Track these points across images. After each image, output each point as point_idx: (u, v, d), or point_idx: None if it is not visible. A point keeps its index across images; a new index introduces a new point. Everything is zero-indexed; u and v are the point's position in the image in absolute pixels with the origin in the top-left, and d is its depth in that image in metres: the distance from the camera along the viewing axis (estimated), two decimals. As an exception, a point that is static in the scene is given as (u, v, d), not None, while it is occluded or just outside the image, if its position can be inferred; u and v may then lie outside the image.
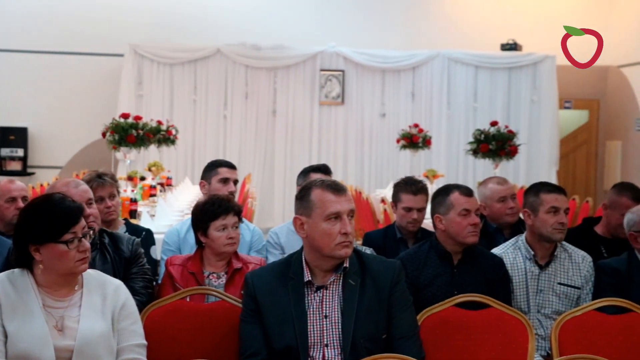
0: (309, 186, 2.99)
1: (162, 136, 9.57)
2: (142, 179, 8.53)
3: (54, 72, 12.37)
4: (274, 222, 11.45)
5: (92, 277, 2.85)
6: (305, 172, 4.76)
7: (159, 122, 9.48)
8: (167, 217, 6.37)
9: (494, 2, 12.94)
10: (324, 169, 4.78)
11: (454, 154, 12.42)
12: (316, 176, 4.36)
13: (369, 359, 2.66)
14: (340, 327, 2.91)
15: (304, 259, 2.99)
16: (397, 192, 4.70)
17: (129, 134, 7.76)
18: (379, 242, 4.60)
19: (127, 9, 12.30)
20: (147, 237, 4.44)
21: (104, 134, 7.93)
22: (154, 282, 3.88)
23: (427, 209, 4.44)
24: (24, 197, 4.43)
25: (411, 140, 10.47)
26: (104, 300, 2.80)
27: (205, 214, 3.80)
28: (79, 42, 12.28)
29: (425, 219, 4.64)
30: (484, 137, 8.81)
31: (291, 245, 4.31)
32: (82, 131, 12.21)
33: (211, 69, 12.28)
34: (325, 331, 2.92)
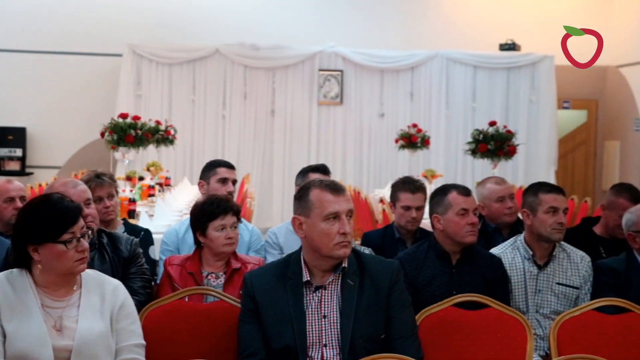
0: (308, 186, 2.99)
1: (160, 136, 9.55)
2: (141, 179, 8.52)
3: (53, 72, 12.34)
4: (272, 222, 11.44)
5: (90, 277, 2.86)
6: (303, 172, 4.77)
7: (158, 122, 9.46)
8: (166, 217, 6.37)
9: (493, 2, 12.93)
10: (323, 169, 4.79)
11: (453, 154, 12.40)
12: (315, 176, 4.36)
13: (368, 359, 2.66)
14: (338, 327, 2.91)
15: (302, 259, 2.99)
16: (395, 191, 4.70)
17: (128, 134, 7.75)
18: (378, 242, 4.60)
19: (126, 9, 12.28)
20: (146, 237, 4.43)
21: (103, 134, 7.92)
22: (153, 282, 3.88)
23: (426, 209, 4.44)
24: (22, 197, 4.42)
25: (410, 140, 10.46)
26: (102, 300, 2.80)
27: (204, 214, 3.80)
28: (78, 42, 12.25)
29: (423, 219, 4.64)
30: (483, 137, 8.80)
31: (290, 245, 4.32)
32: (80, 131, 12.19)
33: (210, 69, 12.26)
34: (323, 331, 2.92)
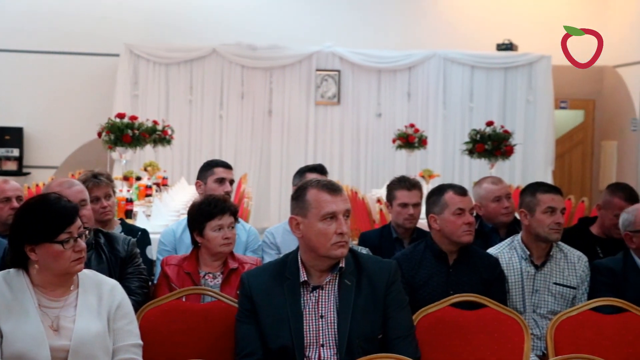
0: (305, 186, 2.99)
1: (157, 136, 9.53)
2: (138, 179, 8.51)
3: (50, 72, 12.32)
4: (269, 222, 11.43)
5: (87, 277, 2.85)
6: (301, 172, 4.77)
7: (155, 122, 9.45)
8: (163, 217, 6.36)
9: (490, 2, 12.94)
10: (320, 169, 4.79)
11: (450, 154, 12.40)
12: (312, 176, 4.37)
13: (365, 359, 2.65)
14: (336, 327, 2.91)
15: (299, 259, 2.99)
16: (391, 190, 4.71)
17: (125, 133, 7.74)
18: (375, 242, 4.61)
19: (123, 8, 12.27)
20: (143, 237, 4.43)
21: (100, 134, 7.90)
22: (150, 282, 3.88)
23: (422, 208, 4.44)
24: (19, 197, 4.42)
25: (407, 140, 10.46)
26: (99, 300, 2.80)
27: (201, 214, 3.80)
28: (75, 42, 12.24)
29: (420, 219, 4.64)
30: (480, 137, 8.80)
31: (287, 245, 4.31)
32: (77, 131, 12.17)
33: (207, 69, 12.24)
34: (321, 331, 2.92)
